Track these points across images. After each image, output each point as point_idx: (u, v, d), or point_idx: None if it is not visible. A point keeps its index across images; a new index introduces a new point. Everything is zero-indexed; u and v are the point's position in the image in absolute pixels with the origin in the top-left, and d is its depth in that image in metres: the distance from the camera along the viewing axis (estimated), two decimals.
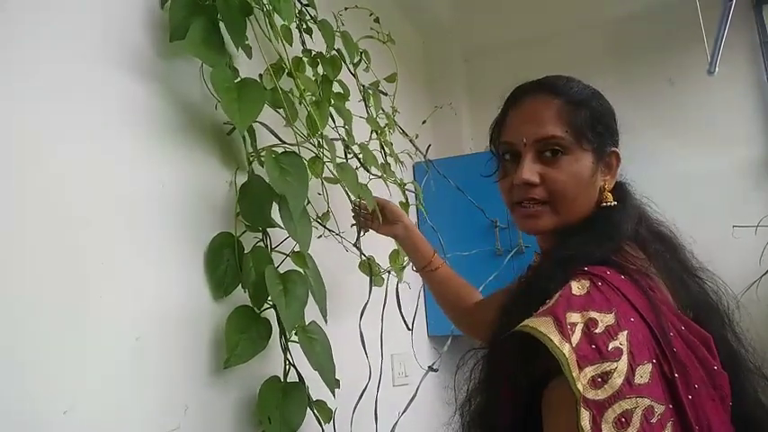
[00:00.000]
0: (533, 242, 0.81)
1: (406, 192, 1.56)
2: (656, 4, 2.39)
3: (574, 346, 0.52)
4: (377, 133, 1.42)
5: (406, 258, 1.42)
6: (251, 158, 1.00)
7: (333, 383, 0.96)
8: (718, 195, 2.22)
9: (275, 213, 0.93)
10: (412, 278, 1.49)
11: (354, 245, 1.25)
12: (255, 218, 0.95)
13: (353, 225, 1.26)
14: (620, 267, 0.60)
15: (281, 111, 1.03)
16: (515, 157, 0.74)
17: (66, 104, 0.71)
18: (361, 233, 1.25)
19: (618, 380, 0.50)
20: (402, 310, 1.37)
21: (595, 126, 0.71)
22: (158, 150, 0.85)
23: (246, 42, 0.97)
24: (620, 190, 0.74)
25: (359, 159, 1.27)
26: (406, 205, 1.54)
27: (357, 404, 1.14)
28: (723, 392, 0.53)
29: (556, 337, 0.52)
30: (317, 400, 0.99)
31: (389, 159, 1.49)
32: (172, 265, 0.85)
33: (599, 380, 0.50)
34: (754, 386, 0.61)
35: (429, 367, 1.44)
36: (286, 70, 1.02)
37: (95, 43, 0.77)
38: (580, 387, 0.50)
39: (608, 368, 0.50)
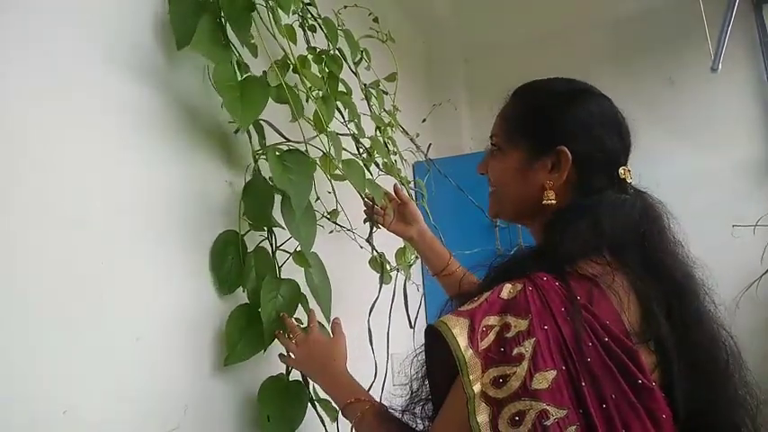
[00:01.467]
0: (533, 242, 0.82)
1: (410, 190, 1.56)
2: (656, 4, 2.39)
3: (484, 347, 0.57)
4: (380, 130, 1.42)
5: (413, 256, 1.42)
6: (256, 157, 1.00)
7: None
8: (718, 195, 2.22)
9: (278, 212, 0.93)
10: (414, 277, 1.49)
11: (367, 240, 1.25)
12: (257, 216, 0.95)
13: (366, 220, 1.24)
14: (562, 274, 0.62)
15: (286, 108, 1.02)
16: None
17: (68, 104, 0.71)
18: (374, 229, 1.22)
19: (515, 383, 0.54)
20: (408, 309, 1.37)
21: (529, 124, 0.74)
22: (160, 150, 0.85)
23: (252, 41, 0.97)
24: (586, 195, 0.70)
25: (369, 152, 1.27)
26: None
27: None
28: (650, 406, 0.55)
29: (463, 342, 0.57)
30: (323, 399, 0.99)
31: (393, 157, 1.49)
32: (172, 265, 0.85)
33: (500, 380, 0.55)
34: None
35: None
36: (291, 67, 1.01)
37: (97, 43, 0.77)
38: (478, 387, 0.55)
39: (508, 371, 0.55)
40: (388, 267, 1.31)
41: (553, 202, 0.71)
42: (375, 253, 1.27)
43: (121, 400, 0.73)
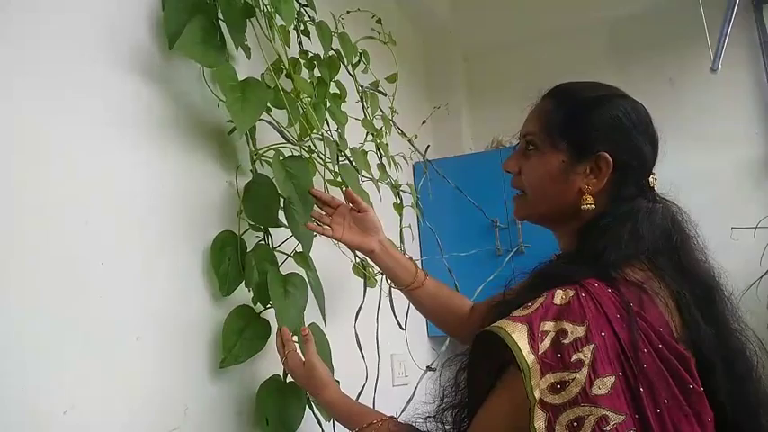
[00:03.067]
0: (534, 242, 0.82)
1: (401, 193, 1.56)
2: (656, 4, 2.39)
3: (541, 353, 0.57)
4: (373, 135, 1.42)
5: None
6: (254, 157, 1.00)
7: None
8: (718, 196, 2.22)
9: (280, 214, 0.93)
10: None
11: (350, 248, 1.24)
12: (261, 217, 0.95)
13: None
14: (611, 281, 0.62)
15: (281, 111, 1.03)
16: None
17: (67, 104, 0.71)
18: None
19: (574, 389, 0.54)
20: (395, 311, 1.37)
21: (572, 127, 0.72)
22: (159, 150, 0.85)
23: (246, 43, 0.97)
24: (624, 200, 0.71)
25: (351, 162, 1.27)
26: (400, 207, 1.54)
27: None
28: (698, 410, 0.56)
29: (525, 347, 0.57)
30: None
31: (385, 161, 1.49)
32: (172, 265, 0.85)
33: (558, 386, 0.55)
34: None
35: (427, 367, 1.45)
36: (284, 71, 1.02)
37: (96, 43, 0.77)
38: (537, 393, 0.55)
39: (567, 377, 0.55)
40: (372, 272, 1.30)
41: (593, 207, 0.70)
42: (357, 259, 1.26)
43: (121, 400, 0.73)
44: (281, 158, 0.91)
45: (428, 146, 1.89)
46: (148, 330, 0.78)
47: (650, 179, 0.73)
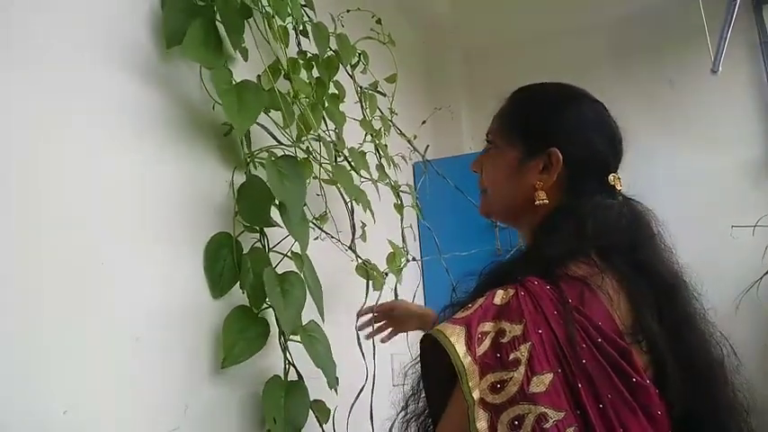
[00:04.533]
0: None
1: (401, 193, 1.56)
2: (656, 5, 2.39)
3: (480, 354, 0.57)
4: (372, 136, 1.42)
5: (404, 260, 1.42)
6: (247, 159, 1.00)
7: (334, 381, 0.97)
8: (718, 195, 2.22)
9: (275, 213, 0.93)
10: (408, 279, 1.49)
11: (349, 247, 1.24)
12: (255, 218, 0.95)
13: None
14: (553, 277, 0.63)
15: (276, 113, 1.03)
16: None
17: (66, 104, 0.71)
18: (355, 235, 1.24)
19: (513, 388, 0.55)
20: None
21: (526, 124, 0.75)
22: (157, 151, 0.85)
23: (243, 44, 0.98)
24: (578, 196, 0.71)
25: (350, 163, 1.27)
26: (400, 207, 1.54)
27: (354, 404, 1.14)
28: (645, 403, 0.56)
29: (461, 350, 0.58)
30: (315, 400, 0.99)
31: (384, 161, 1.49)
32: (172, 265, 0.85)
33: (497, 386, 0.55)
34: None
35: None
36: (282, 73, 1.02)
37: (95, 44, 0.77)
38: (477, 394, 0.55)
39: (505, 377, 0.55)
40: (375, 273, 1.30)
41: (545, 201, 0.72)
42: (360, 260, 1.26)
43: (121, 400, 0.73)
44: (273, 159, 0.91)
45: (427, 146, 1.89)
46: (148, 330, 0.78)
47: (610, 177, 0.73)
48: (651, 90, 2.37)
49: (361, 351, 1.20)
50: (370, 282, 1.26)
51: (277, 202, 0.94)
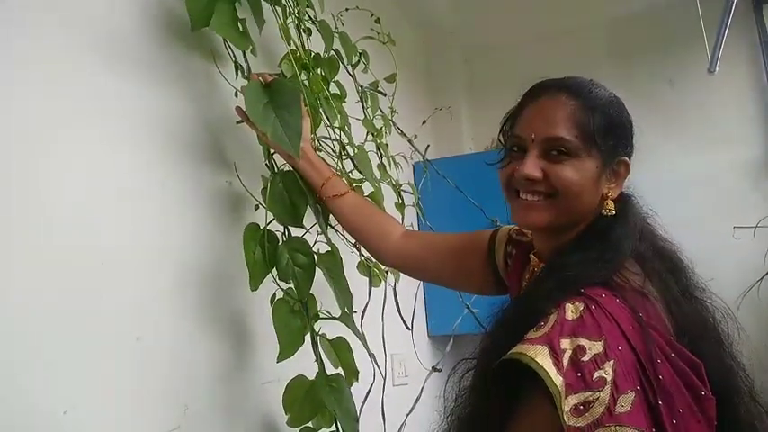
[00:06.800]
0: None
1: (402, 193, 1.56)
2: (655, 5, 2.39)
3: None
4: (373, 135, 1.42)
5: None
6: (271, 158, 1.01)
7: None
8: (718, 196, 2.22)
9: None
10: (408, 277, 1.49)
11: (354, 245, 1.24)
12: (289, 218, 0.95)
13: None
14: (617, 289, 0.62)
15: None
16: (522, 150, 0.74)
17: (66, 103, 0.72)
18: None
19: (599, 409, 0.52)
20: (401, 310, 1.37)
21: (607, 134, 0.70)
22: (159, 150, 0.85)
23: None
24: (625, 202, 0.72)
25: (353, 162, 1.27)
26: (402, 206, 1.54)
27: (363, 404, 1.13)
28: (708, 415, 0.56)
29: (552, 370, 0.54)
30: None
31: (385, 161, 1.49)
32: (172, 265, 0.85)
33: (581, 407, 0.53)
34: (748, 410, 0.63)
35: (433, 367, 1.45)
36: (295, 66, 1.02)
37: (97, 42, 0.77)
38: (565, 417, 0.53)
39: (590, 397, 0.53)
40: (377, 271, 1.30)
41: (613, 212, 0.70)
42: (362, 257, 1.26)
43: (121, 400, 0.73)
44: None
45: (428, 146, 1.89)
46: (148, 330, 0.78)
47: None
48: (651, 90, 2.37)
49: (368, 351, 1.19)
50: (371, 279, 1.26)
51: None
